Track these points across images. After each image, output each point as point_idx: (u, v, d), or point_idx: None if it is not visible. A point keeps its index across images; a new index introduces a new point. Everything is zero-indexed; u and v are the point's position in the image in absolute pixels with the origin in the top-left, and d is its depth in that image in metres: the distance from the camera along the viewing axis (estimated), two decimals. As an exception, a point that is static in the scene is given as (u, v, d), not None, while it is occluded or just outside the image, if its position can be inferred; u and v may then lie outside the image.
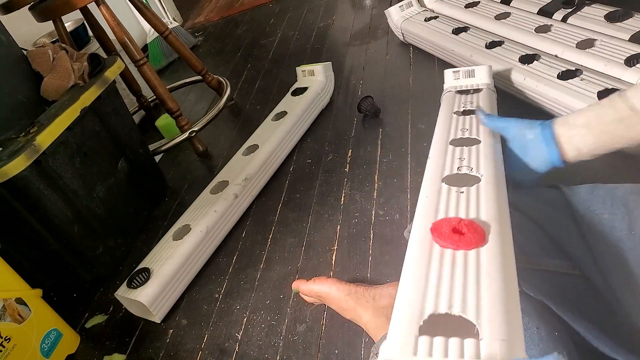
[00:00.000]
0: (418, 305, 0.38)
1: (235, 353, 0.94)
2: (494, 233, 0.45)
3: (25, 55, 1.17)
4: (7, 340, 0.92)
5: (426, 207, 0.52)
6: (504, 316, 0.34)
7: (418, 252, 0.45)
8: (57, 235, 1.11)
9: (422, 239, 0.46)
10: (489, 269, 0.40)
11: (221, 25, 2.75)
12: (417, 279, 0.41)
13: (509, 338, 0.32)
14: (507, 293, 0.37)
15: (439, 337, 0.33)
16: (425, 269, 0.42)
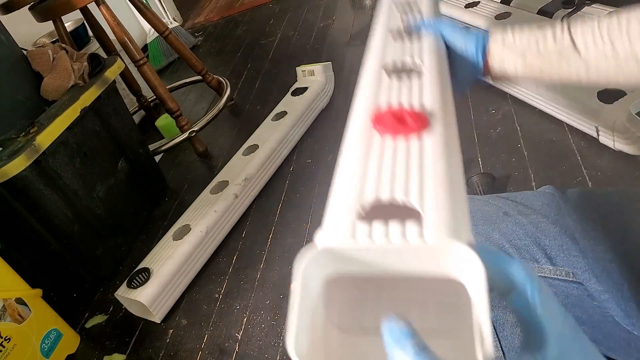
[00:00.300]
0: (356, 192, 0.35)
1: (235, 353, 0.94)
2: (437, 120, 0.42)
3: (25, 55, 1.17)
4: (7, 340, 0.92)
5: (365, 97, 0.48)
6: (450, 201, 0.32)
7: (357, 141, 0.41)
8: (57, 236, 1.11)
9: (361, 128, 0.43)
10: (432, 154, 0.37)
11: (221, 25, 2.75)
12: (356, 166, 0.38)
13: (455, 223, 0.30)
14: (452, 179, 0.35)
15: (378, 221, 0.31)
16: (364, 157, 0.38)
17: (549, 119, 1.17)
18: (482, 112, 1.28)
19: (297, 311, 0.28)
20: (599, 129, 1.04)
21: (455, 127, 0.45)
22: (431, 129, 0.41)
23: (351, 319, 0.37)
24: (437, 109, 0.45)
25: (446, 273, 0.30)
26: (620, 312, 0.52)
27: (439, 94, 0.47)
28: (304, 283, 0.29)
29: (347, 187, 0.35)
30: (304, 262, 0.29)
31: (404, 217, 0.31)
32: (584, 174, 1.02)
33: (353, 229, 0.31)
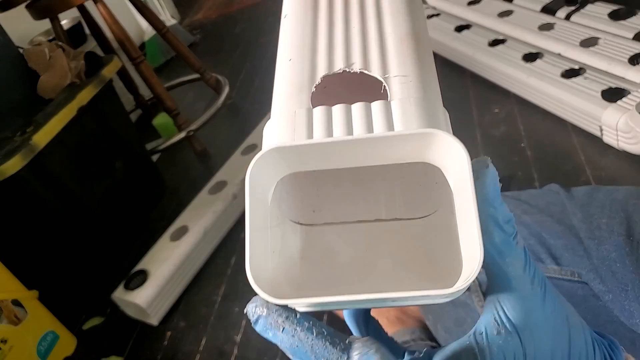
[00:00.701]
0: (307, 65, 0.28)
1: (234, 356, 0.93)
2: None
3: (21, 53, 1.16)
4: (4, 342, 0.91)
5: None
6: (415, 67, 0.27)
7: (300, 5, 0.33)
8: (54, 236, 1.10)
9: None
10: (391, 6, 0.30)
11: (220, 23, 2.73)
12: (302, 30, 0.30)
13: (425, 95, 0.25)
14: (415, 37, 0.28)
15: (339, 105, 0.25)
16: (310, 15, 0.31)
17: (552, 118, 1.16)
18: (485, 111, 1.27)
19: (250, 227, 0.24)
20: (602, 128, 1.03)
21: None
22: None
23: (310, 214, 0.32)
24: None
25: (419, 158, 0.25)
26: (625, 312, 0.52)
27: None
28: (253, 190, 0.24)
29: (296, 60, 0.29)
30: (252, 166, 0.24)
31: (367, 97, 0.26)
32: (588, 173, 1.01)
33: (308, 117, 0.25)
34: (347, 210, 0.33)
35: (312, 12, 0.32)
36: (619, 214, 0.57)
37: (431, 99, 0.26)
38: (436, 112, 0.25)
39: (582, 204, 0.62)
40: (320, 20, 0.31)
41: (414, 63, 0.27)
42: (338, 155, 0.25)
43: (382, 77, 0.26)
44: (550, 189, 0.69)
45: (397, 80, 0.26)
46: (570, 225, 0.61)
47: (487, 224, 0.24)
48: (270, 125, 0.27)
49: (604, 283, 0.55)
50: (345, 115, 0.25)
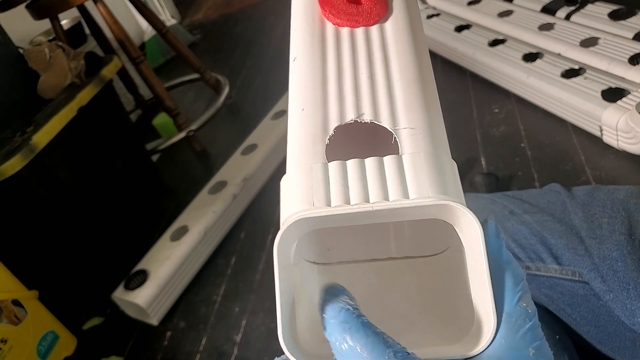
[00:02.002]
0: (319, 116, 0.28)
1: (234, 356, 0.93)
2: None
3: (21, 53, 1.15)
4: (4, 342, 0.91)
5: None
6: (424, 118, 0.27)
7: (307, 35, 0.34)
8: (53, 236, 1.10)
9: (309, 18, 0.35)
10: (396, 50, 0.30)
11: (220, 22, 2.73)
12: (313, 77, 0.31)
13: (434, 148, 0.26)
14: (422, 81, 0.29)
15: (353, 160, 0.25)
16: (319, 59, 0.31)
17: (552, 118, 1.16)
18: (485, 111, 1.27)
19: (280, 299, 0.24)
20: (602, 128, 1.03)
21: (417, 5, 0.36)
22: (392, 12, 0.33)
23: (324, 252, 0.33)
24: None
25: (434, 217, 0.26)
26: (626, 312, 0.52)
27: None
28: (281, 260, 0.25)
29: (309, 111, 0.29)
30: (279, 239, 0.24)
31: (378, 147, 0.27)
32: (588, 173, 1.01)
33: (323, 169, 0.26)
34: (360, 248, 0.33)
35: (321, 56, 0.32)
36: (620, 213, 0.57)
37: (439, 152, 0.26)
38: (445, 167, 0.25)
39: (583, 203, 0.62)
40: (329, 64, 0.31)
41: (422, 113, 0.28)
42: (356, 218, 0.25)
43: (392, 129, 0.27)
44: (551, 188, 0.69)
45: (407, 133, 0.27)
46: (571, 224, 0.61)
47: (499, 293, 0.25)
48: (287, 180, 0.27)
49: (605, 282, 0.55)
50: (360, 174, 0.25)
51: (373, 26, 0.33)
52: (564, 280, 0.59)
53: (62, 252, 1.14)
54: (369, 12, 0.33)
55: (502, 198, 0.68)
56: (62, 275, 1.19)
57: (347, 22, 0.33)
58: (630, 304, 0.52)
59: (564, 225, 0.62)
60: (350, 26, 0.33)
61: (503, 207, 0.66)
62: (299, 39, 0.35)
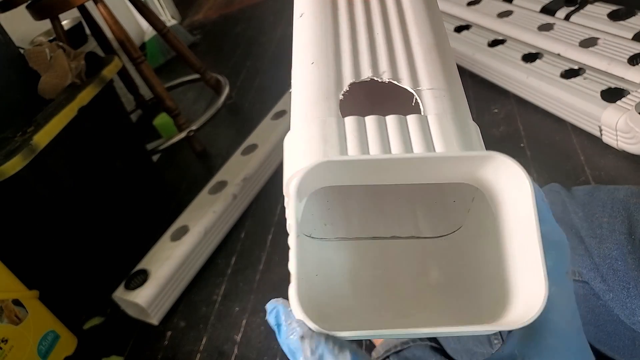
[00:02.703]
0: (332, 70, 0.26)
1: (234, 356, 0.93)
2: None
3: (22, 54, 1.16)
4: (4, 341, 0.91)
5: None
6: (446, 81, 0.25)
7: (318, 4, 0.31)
8: (54, 236, 1.10)
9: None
10: (415, 15, 0.29)
11: (220, 23, 2.73)
12: (323, 33, 0.29)
13: (459, 110, 0.24)
14: (441, 48, 0.27)
15: (372, 116, 0.23)
16: (330, 18, 0.29)
17: (552, 118, 1.16)
18: (485, 111, 1.27)
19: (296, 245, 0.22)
20: (602, 128, 1.03)
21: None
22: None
23: (321, 227, 0.30)
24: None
25: (461, 179, 0.24)
26: (626, 311, 0.52)
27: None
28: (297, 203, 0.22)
29: (320, 64, 0.27)
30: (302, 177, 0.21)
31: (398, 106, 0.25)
32: (587, 173, 1.01)
33: (338, 123, 0.23)
34: (360, 225, 0.31)
35: (332, 12, 0.30)
36: (621, 213, 0.57)
37: (464, 114, 0.25)
38: (470, 129, 0.24)
39: (583, 203, 0.62)
40: (342, 21, 0.29)
41: (444, 76, 0.26)
42: (377, 171, 0.23)
43: (414, 89, 0.25)
44: (551, 188, 0.69)
45: (430, 94, 0.25)
46: (571, 224, 0.61)
47: None
48: (295, 135, 0.25)
49: (605, 282, 0.55)
50: (379, 128, 0.23)
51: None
52: None
53: (62, 252, 1.14)
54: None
55: None
56: (62, 275, 1.20)
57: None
58: (631, 303, 0.52)
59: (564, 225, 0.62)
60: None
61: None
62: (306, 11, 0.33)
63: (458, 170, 0.23)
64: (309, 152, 0.23)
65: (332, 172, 0.22)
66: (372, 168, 0.22)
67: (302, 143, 0.24)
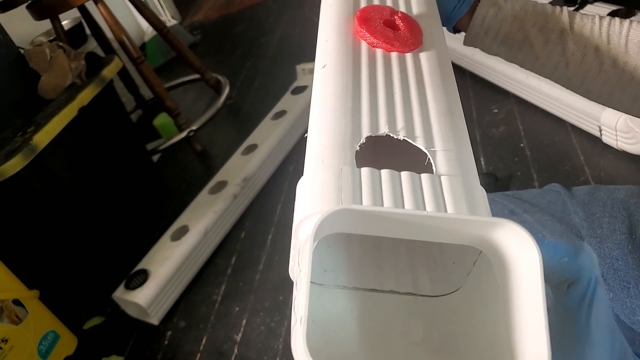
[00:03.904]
0: (350, 122, 0.26)
1: (234, 356, 0.93)
2: (429, 33, 0.34)
3: (22, 54, 1.16)
4: (5, 341, 0.91)
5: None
6: (457, 143, 0.26)
7: (340, 49, 0.32)
8: (54, 236, 1.10)
9: (343, 32, 0.34)
10: (432, 80, 0.30)
11: (220, 23, 2.74)
12: (344, 86, 0.29)
13: (469, 174, 0.25)
14: (454, 113, 0.29)
15: (387, 170, 0.24)
16: (351, 72, 0.30)
17: (551, 118, 1.16)
18: (485, 111, 1.27)
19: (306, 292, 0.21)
20: (602, 128, 1.03)
21: (443, 37, 0.36)
22: (425, 45, 0.33)
23: (321, 273, 0.31)
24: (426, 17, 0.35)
25: (468, 241, 0.24)
26: (626, 310, 0.52)
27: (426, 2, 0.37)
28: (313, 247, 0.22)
29: (339, 115, 0.27)
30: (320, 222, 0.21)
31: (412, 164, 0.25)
32: (587, 173, 1.01)
33: (353, 173, 0.24)
34: (359, 276, 0.31)
35: (354, 67, 0.31)
36: (621, 213, 0.57)
37: (474, 178, 0.25)
38: (478, 193, 0.25)
39: (583, 203, 0.62)
40: (363, 76, 0.30)
41: (456, 140, 0.27)
42: (389, 224, 0.23)
43: (428, 150, 0.26)
44: (551, 188, 0.69)
45: (443, 155, 0.25)
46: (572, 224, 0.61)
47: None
48: (308, 181, 0.25)
49: (605, 281, 0.55)
50: (393, 182, 0.24)
51: (407, 53, 0.33)
52: None
53: (62, 252, 1.14)
54: (406, 39, 0.33)
55: (502, 198, 0.68)
56: (62, 275, 1.20)
57: (383, 44, 0.33)
58: (631, 303, 0.52)
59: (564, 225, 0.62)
60: (385, 49, 0.33)
61: (503, 206, 0.66)
62: (330, 48, 0.33)
63: (466, 232, 0.23)
64: (323, 198, 0.23)
65: (345, 220, 0.23)
66: (385, 221, 0.23)
67: (316, 188, 0.24)
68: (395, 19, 0.34)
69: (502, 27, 0.51)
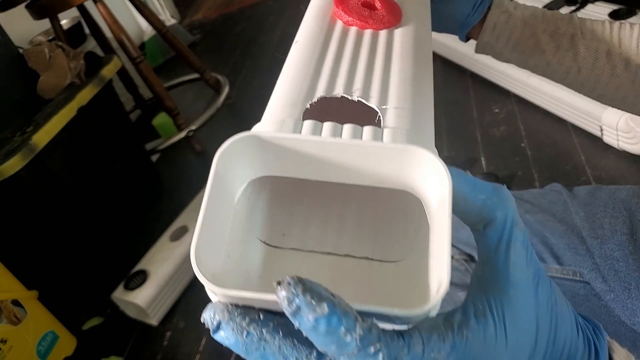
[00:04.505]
0: (306, 84, 0.28)
1: (234, 356, 0.92)
2: (410, 13, 0.35)
3: (21, 53, 1.15)
4: (3, 342, 0.91)
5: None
6: (414, 105, 0.27)
7: (314, 26, 0.34)
8: (53, 236, 1.10)
9: (320, 12, 0.36)
10: (402, 53, 0.31)
11: (219, 22, 2.73)
12: (309, 55, 0.31)
13: (418, 128, 0.25)
14: (419, 83, 0.29)
15: (330, 122, 0.25)
16: (321, 45, 0.32)
17: (552, 118, 1.16)
18: (486, 111, 1.27)
19: (205, 211, 0.22)
20: (603, 128, 1.03)
21: (428, 17, 0.37)
22: (403, 24, 0.34)
23: (279, 237, 0.31)
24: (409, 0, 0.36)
25: (399, 183, 0.24)
26: (626, 311, 0.52)
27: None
28: (219, 175, 0.23)
29: (294, 77, 0.29)
30: (225, 146, 0.22)
31: (360, 120, 0.26)
32: (588, 173, 1.01)
33: (295, 125, 0.25)
34: (317, 239, 0.32)
35: (323, 42, 0.32)
36: (622, 213, 0.57)
37: (423, 135, 0.25)
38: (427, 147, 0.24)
39: (584, 203, 0.62)
40: (330, 50, 0.32)
41: (415, 101, 0.27)
42: (316, 162, 0.24)
43: (379, 108, 0.26)
44: (552, 188, 0.69)
45: (393, 112, 0.26)
46: (573, 224, 0.61)
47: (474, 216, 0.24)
48: (254, 129, 0.26)
49: (606, 282, 0.55)
50: (333, 129, 0.24)
51: (381, 31, 0.33)
52: (564, 280, 0.59)
53: (61, 252, 1.13)
54: (381, 18, 0.34)
55: None
56: (62, 275, 1.19)
57: (356, 22, 0.34)
58: (632, 304, 0.52)
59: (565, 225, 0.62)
60: (359, 27, 0.34)
61: (503, 207, 0.66)
62: (306, 27, 0.35)
63: (394, 170, 0.24)
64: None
65: (265, 155, 0.23)
66: (307, 154, 0.23)
67: None
68: (374, 1, 0.35)
69: (513, 33, 0.51)
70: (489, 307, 0.22)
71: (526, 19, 0.51)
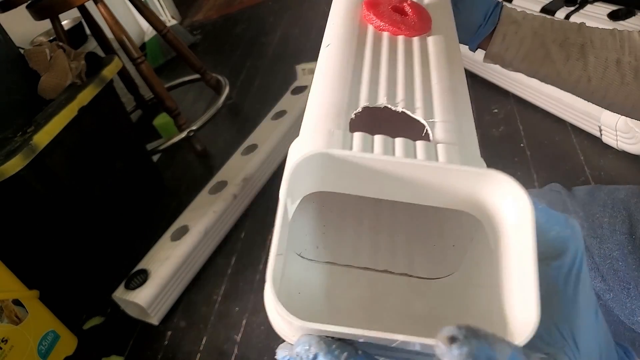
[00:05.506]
0: (347, 92, 0.27)
1: (234, 355, 0.93)
2: (438, 20, 0.34)
3: (22, 54, 1.16)
4: (4, 341, 0.91)
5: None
6: (458, 118, 0.26)
7: (345, 30, 0.33)
8: (54, 236, 1.10)
9: (350, 17, 0.34)
10: (438, 63, 0.30)
11: (220, 23, 2.73)
12: (346, 61, 0.29)
13: (466, 143, 0.25)
14: (459, 94, 0.29)
15: (381, 135, 0.24)
16: (355, 50, 0.31)
17: (551, 118, 1.16)
18: (485, 111, 1.27)
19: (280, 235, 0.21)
20: (602, 128, 1.03)
21: (454, 27, 0.37)
22: (434, 32, 0.33)
23: (313, 249, 0.30)
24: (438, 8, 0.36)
25: (461, 205, 0.23)
26: (625, 311, 0.52)
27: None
28: (291, 193, 0.22)
29: (337, 86, 0.27)
30: (296, 164, 0.21)
31: (408, 133, 0.25)
32: (587, 174, 1.01)
33: (343, 139, 0.23)
34: (353, 254, 0.31)
35: (358, 46, 0.31)
36: (621, 213, 0.57)
37: (473, 148, 0.25)
38: (477, 161, 0.24)
39: (583, 203, 0.62)
40: (366, 54, 0.30)
41: (458, 114, 0.27)
42: (377, 181, 0.22)
43: (426, 121, 0.25)
44: (551, 188, 0.69)
45: (441, 126, 0.25)
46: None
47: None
48: (301, 142, 0.25)
49: (605, 281, 0.55)
50: (385, 147, 0.23)
51: (414, 37, 0.33)
52: None
53: (62, 251, 1.14)
54: (413, 24, 0.33)
55: None
56: (62, 275, 1.20)
57: (389, 27, 0.33)
58: (630, 303, 0.52)
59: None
60: (391, 32, 0.33)
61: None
62: (337, 29, 0.34)
63: (456, 192, 0.23)
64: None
65: (324, 172, 0.22)
66: (367, 173, 0.22)
67: (305, 148, 0.24)
68: (404, 6, 0.35)
69: (522, 44, 0.52)
70: (562, 336, 0.22)
71: (535, 29, 0.51)
